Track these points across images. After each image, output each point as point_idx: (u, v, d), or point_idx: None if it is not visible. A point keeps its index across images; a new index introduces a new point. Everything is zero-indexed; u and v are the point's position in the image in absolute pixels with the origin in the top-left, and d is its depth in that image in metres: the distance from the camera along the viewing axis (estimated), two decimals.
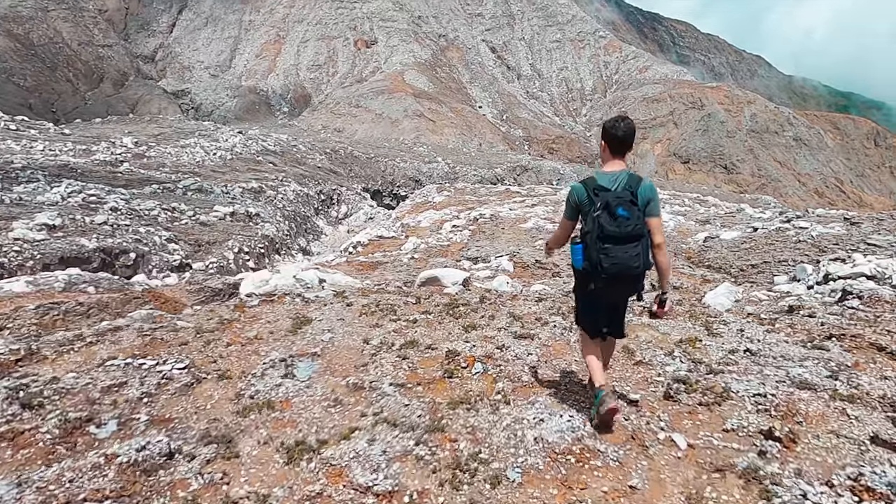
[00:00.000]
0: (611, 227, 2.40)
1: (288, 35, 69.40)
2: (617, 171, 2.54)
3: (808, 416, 2.56)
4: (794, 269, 6.47)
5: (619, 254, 2.40)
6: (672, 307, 2.82)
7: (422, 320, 3.95)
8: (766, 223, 10.08)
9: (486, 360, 3.22)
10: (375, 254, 8.62)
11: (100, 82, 49.42)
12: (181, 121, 25.39)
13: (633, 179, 2.51)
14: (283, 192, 18.51)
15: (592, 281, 2.52)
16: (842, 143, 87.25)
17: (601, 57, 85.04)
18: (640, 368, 3.20)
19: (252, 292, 4.29)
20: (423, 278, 4.99)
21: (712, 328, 3.75)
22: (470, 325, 3.84)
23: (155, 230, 10.69)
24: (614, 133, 2.54)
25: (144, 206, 11.54)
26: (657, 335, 3.66)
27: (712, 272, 6.99)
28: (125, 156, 16.55)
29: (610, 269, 2.42)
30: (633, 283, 2.51)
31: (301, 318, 3.87)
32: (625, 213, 2.40)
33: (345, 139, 39.89)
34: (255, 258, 12.20)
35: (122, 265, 9.06)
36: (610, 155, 2.58)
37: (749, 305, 3.82)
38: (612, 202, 2.42)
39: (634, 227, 2.41)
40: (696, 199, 22.67)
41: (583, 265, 2.51)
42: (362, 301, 4.32)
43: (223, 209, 13.32)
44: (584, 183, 2.57)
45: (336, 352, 3.35)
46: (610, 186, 2.49)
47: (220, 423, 2.55)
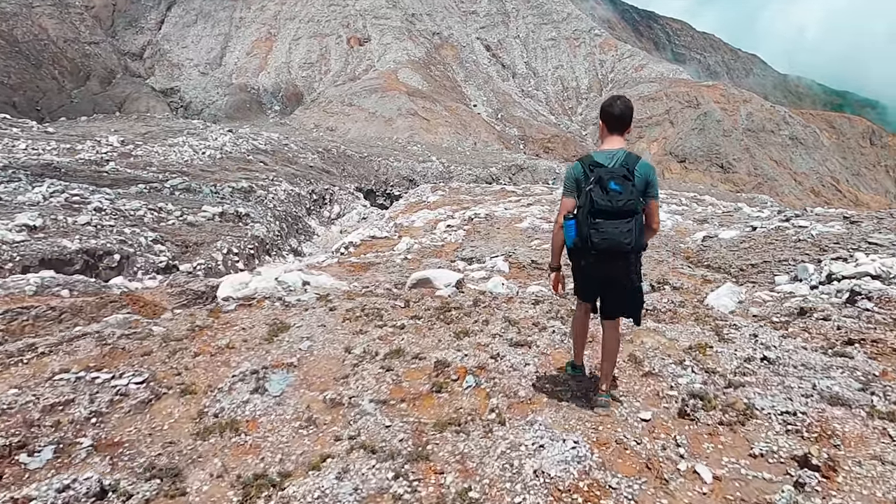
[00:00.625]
0: (602, 201, 2.37)
1: (279, 32, 69.03)
2: (615, 149, 2.54)
3: (846, 437, 2.30)
4: (795, 268, 6.43)
5: (609, 229, 2.38)
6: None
7: (410, 326, 3.76)
8: (764, 222, 10.07)
9: (478, 372, 3.03)
10: (368, 254, 8.50)
11: (86, 80, 48.85)
12: (169, 119, 25.11)
13: (631, 158, 2.50)
14: (273, 192, 18.33)
15: (583, 258, 2.51)
16: (837, 141, 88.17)
17: (597, 55, 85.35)
18: (650, 381, 2.98)
19: (229, 296, 4.12)
20: (414, 280, 4.84)
21: (723, 333, 3.56)
22: (462, 332, 3.66)
23: (140, 231, 10.50)
24: (611, 111, 2.55)
25: (130, 206, 11.34)
26: (664, 341, 3.48)
27: (712, 272, 6.94)
28: (111, 155, 16.30)
29: (599, 245, 2.40)
30: (624, 259, 2.48)
31: (279, 324, 3.68)
32: (617, 188, 2.38)
33: (337, 138, 39.71)
34: (244, 259, 12.02)
35: (105, 267, 8.87)
36: (608, 133, 2.59)
37: (753, 307, 3.72)
38: (604, 176, 2.41)
39: (626, 202, 2.38)
40: (692, 199, 22.73)
41: (574, 241, 2.50)
42: (347, 305, 4.13)
43: (212, 209, 13.14)
44: (582, 160, 2.58)
45: (314, 362, 3.14)
46: (606, 163, 2.49)
47: (176, 447, 2.31)
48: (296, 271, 4.72)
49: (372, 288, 4.86)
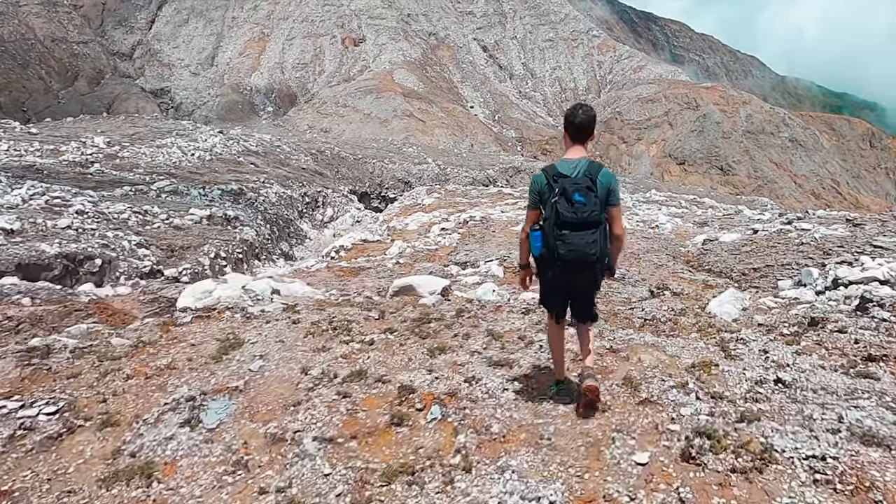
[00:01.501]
0: (567, 212, 2.45)
1: (273, 32, 69.00)
2: (577, 159, 2.60)
3: (888, 491, 1.90)
4: (798, 273, 6.34)
5: (575, 240, 2.46)
6: (615, 272, 2.81)
7: (380, 342, 3.47)
8: (766, 225, 10.03)
9: (447, 400, 2.70)
10: (358, 259, 8.36)
11: (74, 80, 48.57)
12: (158, 120, 24.94)
13: (593, 167, 2.56)
14: (264, 195, 18.18)
15: (549, 268, 2.59)
16: (837, 144, 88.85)
17: (595, 56, 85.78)
18: (648, 410, 2.63)
19: (188, 306, 3.88)
20: (396, 287, 4.64)
21: (729, 348, 3.26)
22: (438, 348, 3.36)
23: (124, 234, 10.31)
24: (572, 120, 2.62)
25: (114, 208, 11.16)
26: (664, 358, 3.20)
27: (713, 276, 6.85)
28: (96, 156, 16.11)
29: (566, 256, 2.48)
30: (589, 269, 2.57)
31: (232, 339, 3.38)
32: (581, 199, 2.46)
33: (331, 140, 39.60)
34: (232, 264, 11.85)
35: (86, 272, 8.68)
36: (570, 142, 2.67)
37: (758, 314, 3.57)
38: (569, 188, 2.47)
39: (591, 213, 2.46)
40: (692, 201, 22.78)
41: (540, 252, 2.58)
42: (314, 317, 3.87)
43: (199, 212, 12.97)
44: (545, 171, 2.63)
45: (264, 386, 2.82)
46: (569, 173, 2.55)
47: (74, 498, 1.97)
48: (265, 279, 4.54)
49: (350, 296, 4.68)
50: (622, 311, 3.83)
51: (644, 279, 5.89)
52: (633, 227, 11.51)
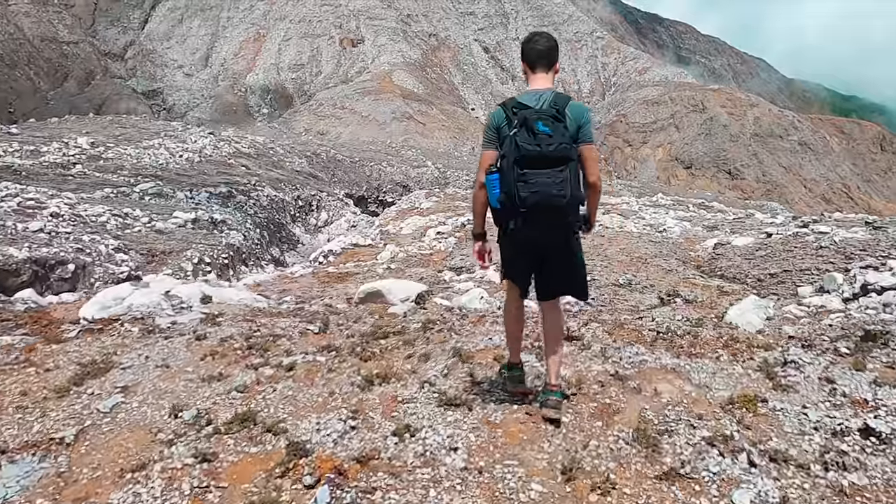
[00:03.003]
0: (529, 145, 2.11)
1: (269, 33, 69.27)
2: (542, 90, 2.29)
3: None
4: (818, 278, 6.06)
5: (539, 180, 2.10)
6: (594, 224, 2.44)
7: (303, 366, 2.84)
8: (780, 228, 9.79)
9: (351, 473, 1.88)
10: (348, 264, 8.07)
11: (63, 81, 48.65)
12: (146, 121, 24.78)
13: (561, 98, 2.26)
14: (255, 198, 17.95)
15: (511, 218, 2.21)
16: (847, 147, 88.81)
17: (599, 58, 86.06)
18: (673, 488, 1.80)
19: (86, 317, 3.40)
20: (363, 293, 4.24)
21: (776, 374, 2.53)
22: (379, 375, 2.69)
23: (101, 238, 10.02)
24: (534, 46, 2.33)
25: (92, 211, 10.89)
26: (689, 390, 2.45)
27: (726, 282, 6.54)
28: (79, 157, 15.90)
29: (529, 200, 2.11)
30: (559, 219, 2.18)
31: (100, 363, 2.74)
32: (546, 129, 2.12)
33: (328, 142, 39.49)
34: (217, 269, 11.55)
35: (57, 278, 8.38)
36: (532, 73, 2.35)
37: (786, 325, 3.20)
38: (530, 118, 2.15)
39: (559, 145, 2.11)
40: (700, 205, 22.55)
41: (498, 198, 2.20)
42: (229, 331, 3.34)
43: (184, 215, 12.69)
44: (504, 104, 2.30)
45: (106, 437, 2.11)
46: (531, 104, 2.24)
47: None
48: (196, 283, 4.21)
49: (307, 304, 4.35)
50: (629, 321, 3.47)
51: (653, 285, 5.59)
52: (640, 230, 11.23)
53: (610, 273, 6.22)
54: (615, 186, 37.50)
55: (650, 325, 3.27)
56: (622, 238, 9.20)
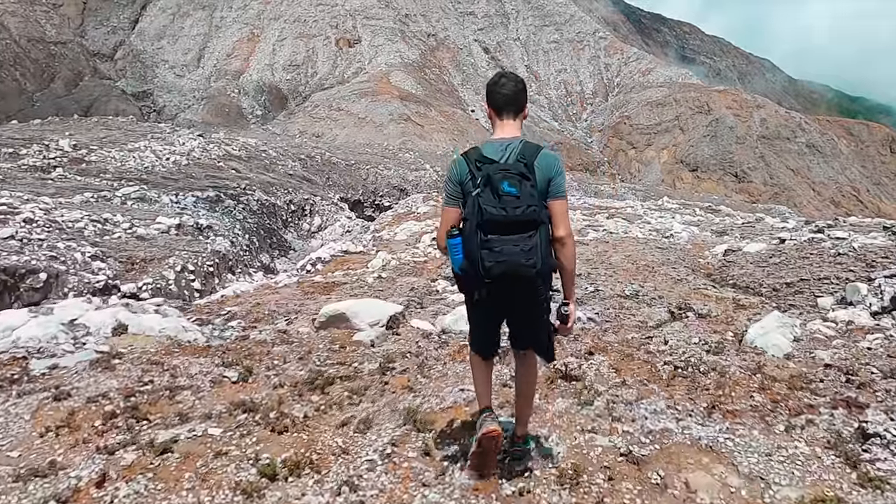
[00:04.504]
0: (493, 209, 1.94)
1: (263, 33, 69.37)
2: (508, 139, 2.12)
3: None
4: (839, 288, 5.80)
5: (506, 248, 1.93)
6: (574, 322, 2.21)
7: (183, 445, 2.26)
8: (794, 234, 9.58)
9: None
10: (336, 272, 7.80)
11: (50, 82, 48.57)
12: (133, 122, 24.59)
13: (529, 149, 2.10)
14: (245, 202, 17.72)
15: (475, 288, 2.05)
16: (856, 149, 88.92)
17: (601, 58, 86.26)
18: None
19: None
20: (324, 317, 3.76)
21: (859, 460, 1.90)
22: (288, 464, 2.12)
23: (78, 245, 9.75)
24: (498, 90, 2.14)
25: (69, 216, 10.62)
26: (735, 484, 1.85)
27: (739, 292, 6.28)
28: (60, 160, 15.67)
29: (494, 270, 1.94)
30: (528, 289, 2.02)
31: None
32: (512, 190, 1.95)
33: (323, 145, 39.34)
34: (201, 278, 11.27)
35: (28, 288, 8.10)
36: (497, 119, 2.18)
37: (819, 348, 2.83)
38: (494, 176, 1.96)
39: (527, 208, 1.94)
40: (707, 209, 22.38)
41: (461, 266, 2.05)
42: (109, 384, 2.76)
43: (168, 221, 12.42)
44: (466, 155, 2.13)
45: None
46: (497, 157, 2.06)
47: None
48: (113, 309, 3.80)
49: (257, 329, 3.94)
50: (637, 343, 3.14)
51: (661, 296, 5.31)
52: (646, 236, 10.99)
53: (615, 283, 5.95)
54: (619, 190, 37.31)
55: (664, 353, 2.91)
56: (627, 244, 8.94)
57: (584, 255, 7.92)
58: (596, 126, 76.40)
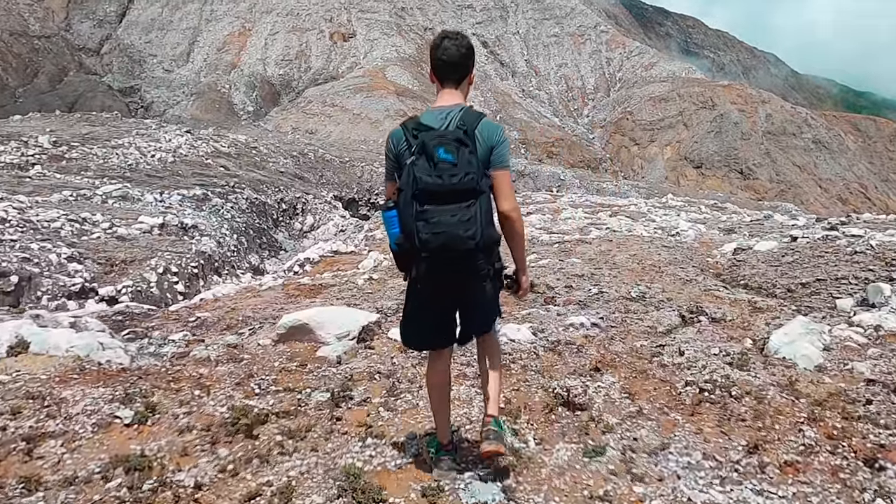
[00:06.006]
0: (428, 177, 1.84)
1: (255, 27, 69.02)
2: (448, 107, 2.02)
3: None
4: (858, 288, 5.60)
5: (442, 218, 1.83)
6: (527, 287, 2.12)
7: None
8: (806, 231, 9.42)
9: None
10: (325, 274, 7.57)
11: (34, 77, 48.16)
12: (117, 118, 24.32)
13: (470, 116, 1.99)
14: (233, 201, 17.48)
15: (412, 264, 1.95)
16: (863, 145, 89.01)
17: (603, 53, 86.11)
18: None
19: None
20: (284, 327, 3.34)
21: None
22: None
23: (53, 246, 9.49)
24: (439, 55, 2.03)
25: (45, 216, 10.37)
26: None
27: (752, 293, 6.06)
28: (39, 157, 15.41)
29: (431, 243, 1.84)
30: (467, 264, 1.89)
31: None
32: (448, 157, 1.86)
33: (316, 141, 39.09)
34: (185, 280, 11.02)
35: None
36: (440, 85, 2.09)
37: (855, 359, 2.51)
38: (430, 143, 1.87)
39: (465, 176, 1.84)
40: (713, 206, 22.25)
41: (396, 239, 1.95)
42: None
43: (150, 220, 12.18)
44: (404, 124, 2.03)
45: None
46: (435, 125, 1.97)
47: None
48: (16, 322, 3.41)
49: (205, 342, 3.42)
50: (647, 353, 2.84)
51: (670, 299, 5.09)
52: (651, 234, 10.78)
53: (620, 284, 5.72)
54: (621, 187, 37.14)
55: (681, 367, 2.57)
56: (632, 243, 8.72)
57: (587, 255, 7.71)
58: (598, 122, 76.26)
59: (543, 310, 4.48)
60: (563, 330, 3.58)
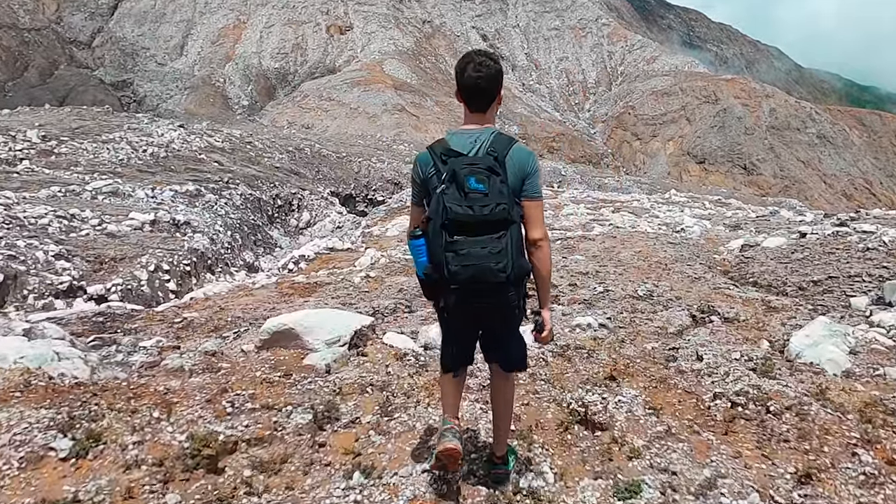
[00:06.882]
0: (459, 207, 1.81)
1: (250, 19, 68.62)
2: (477, 130, 1.99)
3: None
4: (873, 286, 5.49)
5: (472, 250, 1.81)
6: (550, 332, 2.08)
7: None
8: (815, 227, 9.30)
9: None
10: (320, 272, 7.42)
11: (23, 71, 47.78)
12: (108, 112, 24.09)
13: (501, 141, 1.95)
14: (227, 197, 17.33)
15: (441, 295, 1.94)
16: (869, 140, 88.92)
17: (605, 46, 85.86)
18: None
19: None
20: (267, 332, 3.09)
21: None
22: None
23: (41, 243, 9.34)
24: (468, 76, 1.96)
25: (32, 212, 10.20)
26: None
27: (764, 291, 5.94)
28: (27, 152, 15.23)
29: (460, 275, 1.81)
30: (497, 297, 1.88)
31: None
32: (479, 187, 1.83)
33: (313, 136, 38.89)
34: (177, 278, 10.87)
35: None
36: (466, 108, 2.04)
37: (886, 364, 2.34)
38: (460, 171, 1.83)
39: (496, 207, 1.81)
40: (717, 202, 22.18)
41: (425, 270, 1.93)
42: None
43: (141, 216, 12.02)
44: (432, 148, 2.00)
45: None
46: (464, 150, 1.93)
47: None
48: None
49: (180, 349, 3.13)
50: (661, 357, 2.66)
51: (679, 297, 4.95)
52: (656, 230, 10.66)
53: (626, 282, 5.59)
54: (624, 182, 37.03)
55: (702, 374, 2.38)
56: (637, 239, 8.59)
57: (591, 251, 7.58)
58: (599, 116, 76.12)
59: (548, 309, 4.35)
60: (570, 331, 3.44)
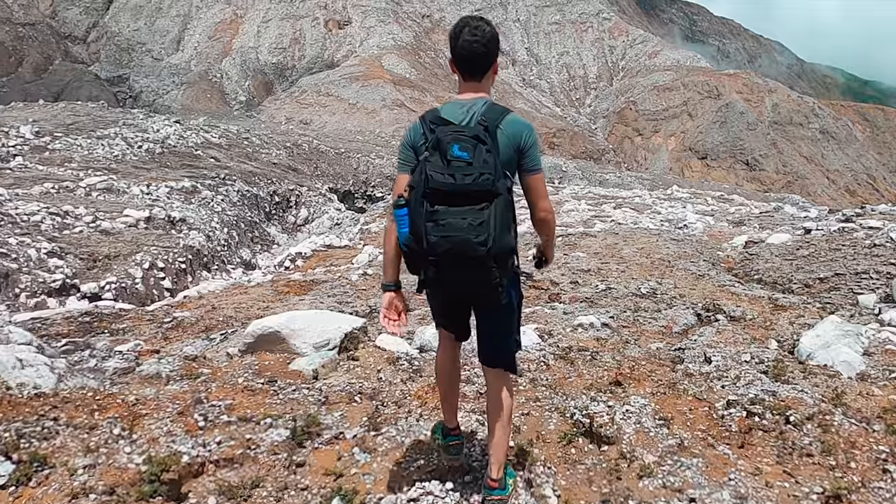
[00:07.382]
0: (440, 175, 1.73)
1: (247, 14, 68.29)
2: (471, 100, 1.92)
3: None
4: (882, 284, 5.42)
5: (452, 221, 1.72)
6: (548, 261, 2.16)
7: None
8: (819, 223, 9.22)
9: None
10: (316, 269, 7.34)
11: (18, 66, 47.55)
12: (103, 108, 23.94)
13: (494, 112, 1.89)
14: (224, 193, 17.23)
15: (421, 267, 1.85)
16: (872, 135, 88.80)
17: (606, 41, 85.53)
18: None
19: None
20: (252, 336, 2.94)
21: None
22: None
23: (33, 241, 9.26)
24: (461, 43, 1.90)
25: (24, 209, 10.11)
26: None
27: (769, 288, 5.86)
28: (20, 149, 15.12)
29: (439, 246, 1.74)
30: (475, 272, 1.77)
31: None
32: (463, 155, 1.75)
33: (311, 132, 38.75)
34: (172, 276, 10.80)
35: None
36: (461, 79, 1.98)
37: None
38: (445, 138, 1.76)
39: (479, 176, 1.72)
40: (720, 198, 22.12)
41: (406, 239, 1.85)
42: None
43: (136, 213, 11.93)
44: (423, 117, 1.95)
45: None
46: (456, 119, 1.86)
47: None
48: None
49: (158, 354, 2.96)
50: (666, 358, 2.57)
51: (683, 295, 4.87)
52: (658, 227, 10.58)
53: (629, 280, 5.51)
54: (625, 178, 36.91)
55: (711, 378, 2.26)
56: (639, 236, 8.51)
57: (593, 248, 7.49)
58: (600, 112, 75.93)
59: (549, 307, 4.26)
60: (572, 331, 3.35)
